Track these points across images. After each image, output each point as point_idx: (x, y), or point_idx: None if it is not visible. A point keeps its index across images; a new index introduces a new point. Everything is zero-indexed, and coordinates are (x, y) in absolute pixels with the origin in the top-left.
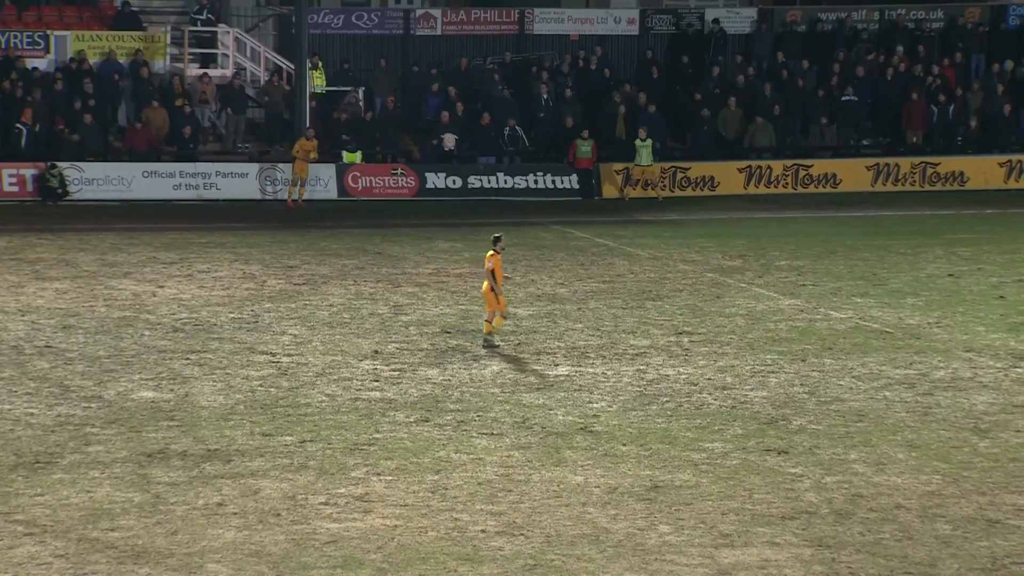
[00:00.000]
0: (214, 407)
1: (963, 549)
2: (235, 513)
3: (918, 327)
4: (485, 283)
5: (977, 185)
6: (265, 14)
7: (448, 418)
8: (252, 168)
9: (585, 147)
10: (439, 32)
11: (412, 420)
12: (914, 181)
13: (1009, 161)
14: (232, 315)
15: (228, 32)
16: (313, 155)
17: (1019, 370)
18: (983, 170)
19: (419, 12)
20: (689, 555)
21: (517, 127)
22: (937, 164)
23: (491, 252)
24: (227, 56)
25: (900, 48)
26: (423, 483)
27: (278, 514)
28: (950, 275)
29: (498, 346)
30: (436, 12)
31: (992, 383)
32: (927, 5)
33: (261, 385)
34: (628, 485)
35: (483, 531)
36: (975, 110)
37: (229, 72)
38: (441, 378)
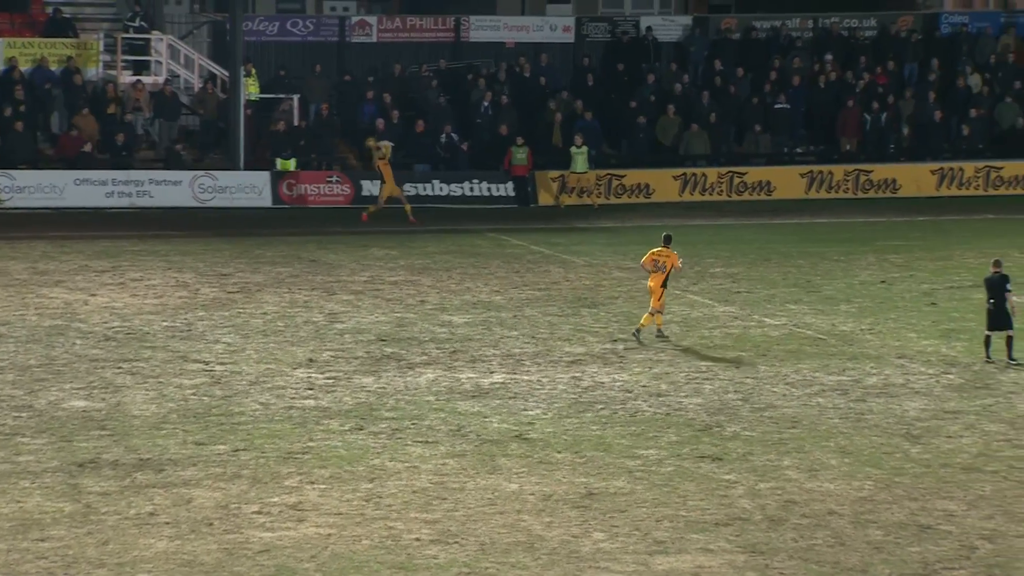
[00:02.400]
0: (146, 416)
1: (895, 555)
2: (167, 523)
3: (851, 334)
4: (657, 278)
5: (909, 192)
6: (199, 21)
7: (383, 426)
8: (186, 176)
9: (520, 154)
10: (374, 39)
11: (346, 428)
12: (847, 188)
13: (941, 168)
14: (165, 323)
15: (162, 39)
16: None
17: (950, 376)
18: (915, 177)
19: (354, 19)
20: (623, 562)
21: (453, 134)
22: (870, 171)
23: (667, 249)
24: (160, 63)
25: (829, 56)
26: (357, 491)
27: (210, 523)
28: (883, 282)
29: (668, 338)
30: (371, 19)
31: (924, 389)
32: (860, 13)
33: (194, 394)
34: (563, 492)
35: (417, 539)
36: (908, 118)
37: (162, 79)
38: (376, 386)
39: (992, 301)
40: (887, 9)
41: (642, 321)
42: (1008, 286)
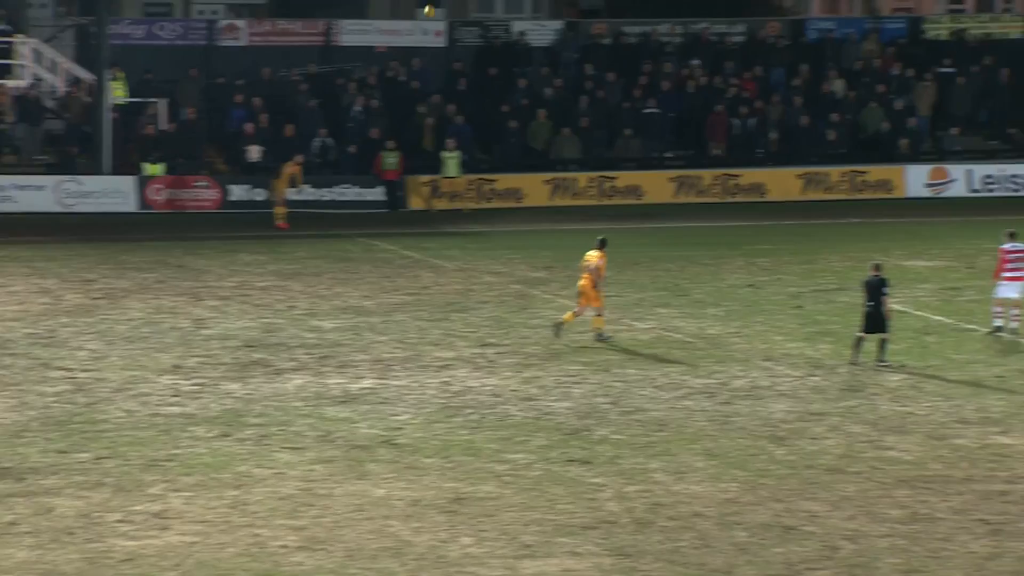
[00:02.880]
0: (6, 424)
1: (759, 556)
2: (28, 532)
3: (719, 337)
4: (587, 279)
5: (777, 196)
6: (64, 24)
7: (250, 432)
8: (50, 181)
9: (391, 159)
10: (244, 43)
11: (212, 435)
12: (716, 193)
13: (807, 173)
14: (27, 330)
15: (26, 42)
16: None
17: (815, 378)
18: (783, 182)
19: (223, 23)
20: (491, 566)
21: (325, 139)
22: (738, 176)
23: (598, 252)
24: (24, 67)
25: (697, 61)
26: (223, 499)
27: (72, 532)
28: (750, 285)
29: (609, 339)
30: (241, 23)
31: (789, 391)
32: (729, 19)
33: (56, 401)
34: (431, 497)
35: (284, 546)
36: (775, 123)
37: (26, 83)
38: (243, 392)
39: (871, 304)
40: (755, 15)
41: (565, 317)
42: (885, 289)
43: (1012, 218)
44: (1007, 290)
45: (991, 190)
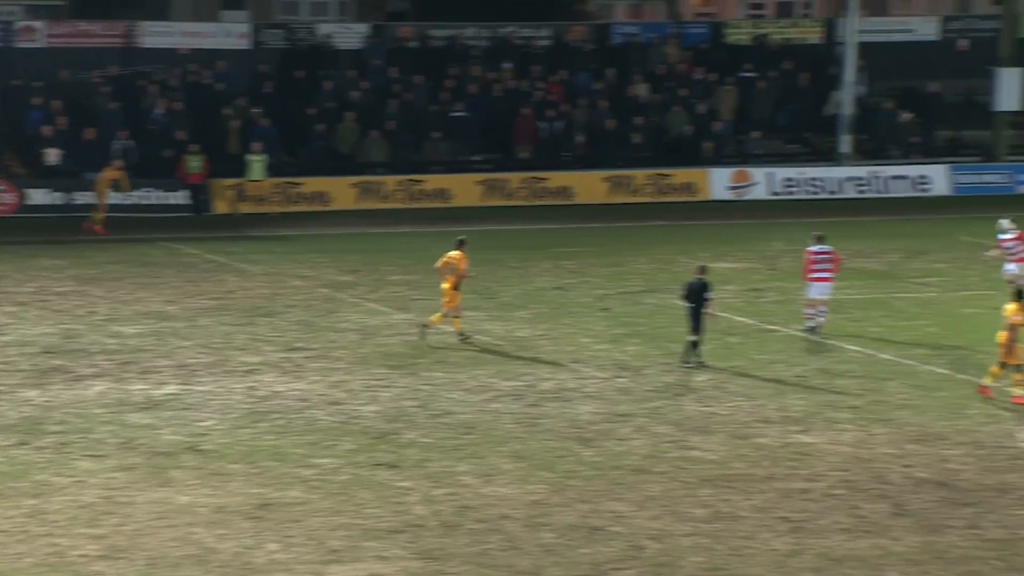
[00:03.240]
0: None
1: (566, 557)
2: None
3: (527, 339)
4: (450, 281)
5: (583, 200)
6: None
7: (48, 440)
8: None
9: (195, 162)
10: (42, 44)
11: (10, 443)
12: (523, 196)
13: (614, 176)
14: None
15: None
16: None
17: (622, 380)
18: (589, 185)
19: (20, 24)
20: (297, 572)
21: (126, 141)
22: (545, 179)
23: (458, 252)
24: None
25: (508, 64)
26: (20, 508)
27: None
28: (557, 288)
29: (470, 338)
30: (39, 24)
31: (596, 393)
32: (535, 23)
33: None
34: (236, 504)
35: (83, 555)
36: (581, 126)
37: None
38: (42, 399)
39: (692, 306)
40: (561, 20)
41: (432, 318)
42: (708, 293)
43: (812, 220)
44: (815, 291)
45: (791, 192)
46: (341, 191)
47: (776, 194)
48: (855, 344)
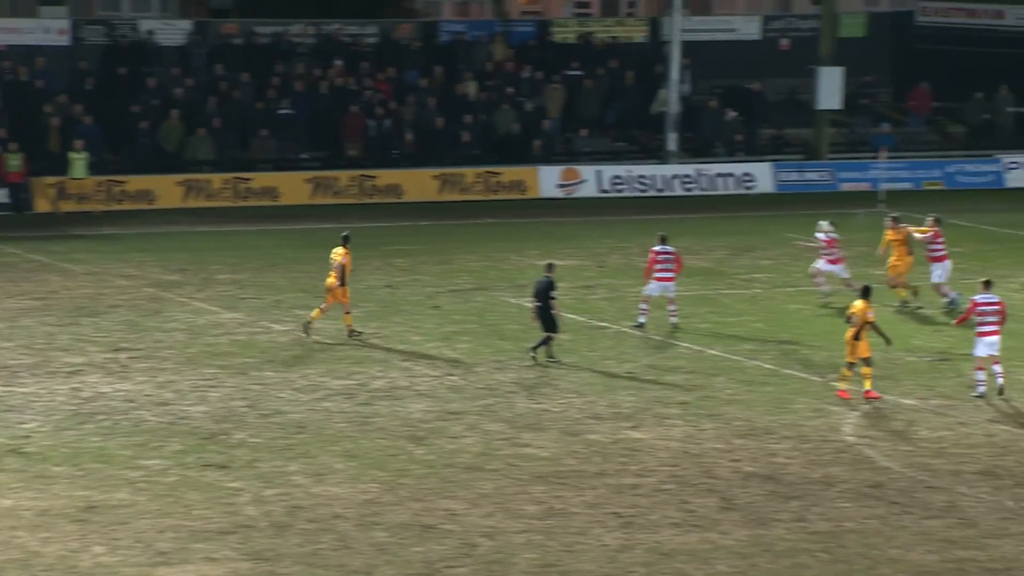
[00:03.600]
0: None
1: (399, 556)
2: None
3: (358, 338)
4: (334, 277)
5: (413, 197)
6: None
7: None
8: None
9: (15, 160)
10: None
11: None
12: (353, 194)
13: (443, 174)
14: None
15: None
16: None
17: (453, 378)
18: (419, 183)
19: None
20: (124, 575)
21: None
22: (375, 177)
23: (343, 249)
24: None
25: (338, 62)
26: None
27: None
28: (388, 286)
29: (361, 333)
30: None
31: (428, 391)
32: (362, 21)
33: None
34: (61, 507)
35: None
36: (410, 124)
37: None
38: None
39: (539, 304)
40: (388, 17)
41: (312, 315)
42: (553, 292)
43: (641, 218)
44: (656, 289)
45: (620, 190)
46: (166, 189)
47: (605, 192)
48: (684, 340)
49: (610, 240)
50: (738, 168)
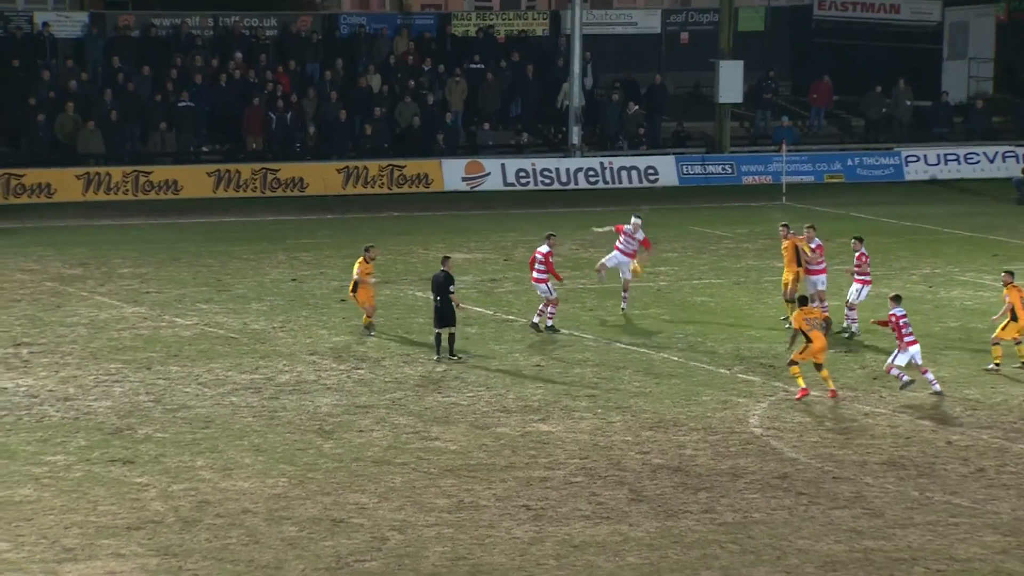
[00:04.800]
0: None
1: (308, 550)
2: None
3: (263, 332)
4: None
5: (317, 191)
6: None
7: None
8: None
9: None
10: None
11: None
12: (255, 187)
13: (347, 167)
14: None
15: None
16: None
17: (360, 371)
18: (322, 176)
19: None
20: (30, 572)
21: None
22: (277, 170)
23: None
24: None
25: (239, 55)
26: None
27: None
28: (293, 280)
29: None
30: None
31: (336, 385)
32: (261, 12)
33: None
34: None
35: None
36: (312, 117)
37: None
38: None
39: (438, 299)
40: (287, 9)
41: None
42: (451, 287)
43: (545, 211)
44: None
45: (525, 184)
46: (65, 182)
47: (510, 185)
48: (590, 333)
49: (515, 234)
50: (642, 161)
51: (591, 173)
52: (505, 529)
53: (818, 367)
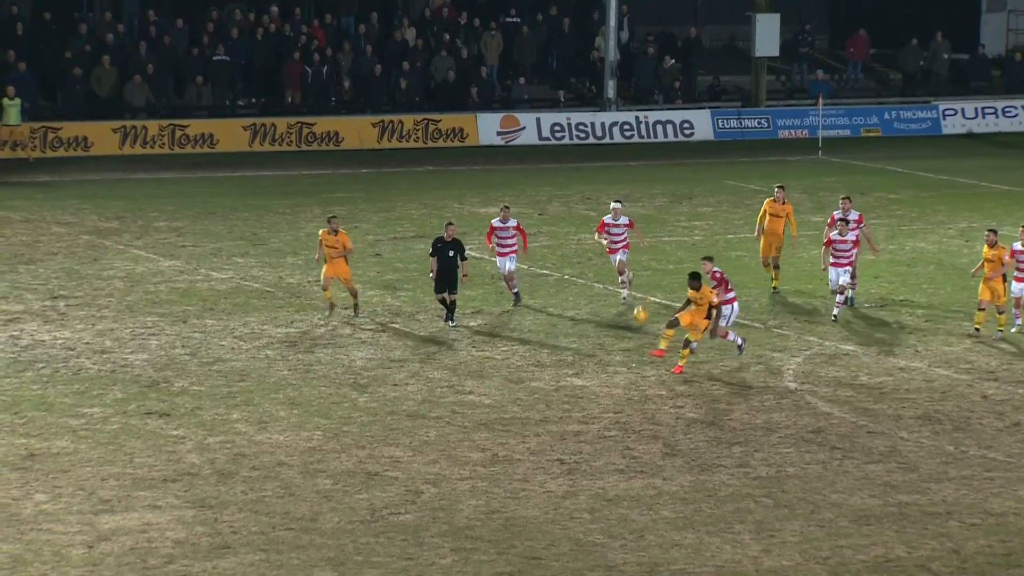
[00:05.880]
0: None
1: (343, 503)
2: None
3: (298, 285)
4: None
5: (352, 145)
6: None
7: None
8: None
9: None
10: None
11: None
12: (291, 141)
13: (382, 121)
14: None
15: None
16: None
17: (395, 325)
18: (357, 130)
19: None
20: (67, 523)
21: None
22: (313, 124)
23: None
24: None
25: (275, 8)
26: None
27: None
28: None
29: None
30: None
31: (370, 339)
32: None
33: None
34: (1, 455)
35: None
36: (347, 71)
37: None
38: None
39: (444, 264)
40: None
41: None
42: (464, 253)
43: (580, 165)
44: (500, 264)
45: (559, 138)
46: (102, 136)
47: (544, 139)
48: (626, 288)
49: (550, 188)
50: (677, 115)
51: (626, 127)
52: (539, 483)
53: (686, 343)
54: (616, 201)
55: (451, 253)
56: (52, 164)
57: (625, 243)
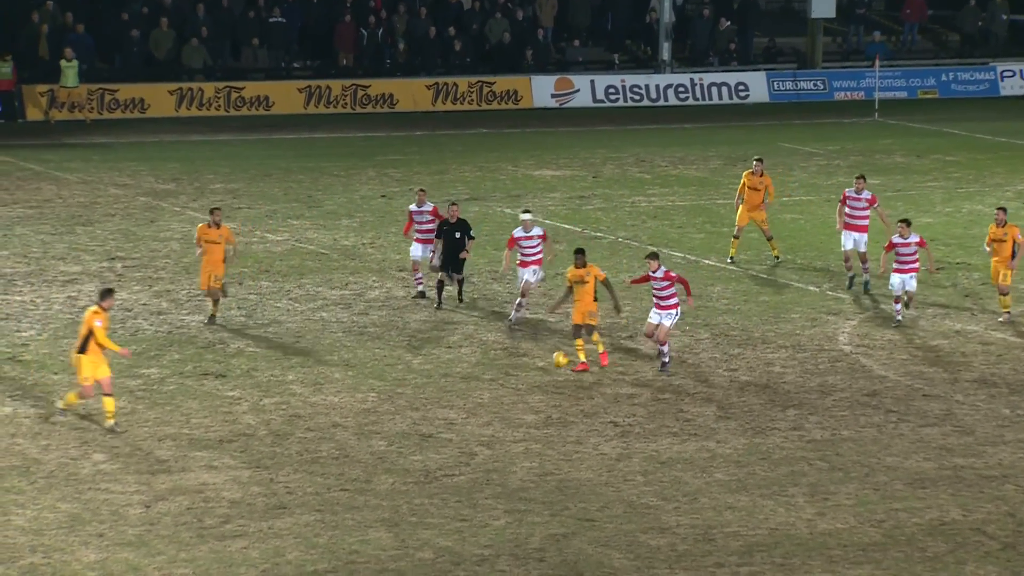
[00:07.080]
0: None
1: (397, 464)
2: None
3: (353, 248)
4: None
5: (406, 107)
6: None
7: None
8: None
9: (4, 68)
10: None
11: None
12: (346, 103)
13: (436, 83)
14: None
15: None
16: None
17: (449, 288)
18: (412, 92)
19: None
20: (124, 483)
21: None
22: (367, 86)
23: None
24: None
25: None
26: None
27: None
28: (383, 196)
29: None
30: None
31: (425, 301)
32: None
33: None
34: (60, 415)
35: None
36: (402, 33)
37: None
38: None
39: (450, 244)
40: None
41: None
42: (468, 233)
43: (634, 128)
44: (415, 251)
45: (614, 100)
46: (158, 98)
47: (599, 102)
48: (679, 250)
49: (604, 150)
50: (732, 78)
51: (681, 90)
52: (592, 445)
53: (588, 329)
54: (525, 212)
55: (457, 235)
56: (109, 126)
57: (538, 258)
